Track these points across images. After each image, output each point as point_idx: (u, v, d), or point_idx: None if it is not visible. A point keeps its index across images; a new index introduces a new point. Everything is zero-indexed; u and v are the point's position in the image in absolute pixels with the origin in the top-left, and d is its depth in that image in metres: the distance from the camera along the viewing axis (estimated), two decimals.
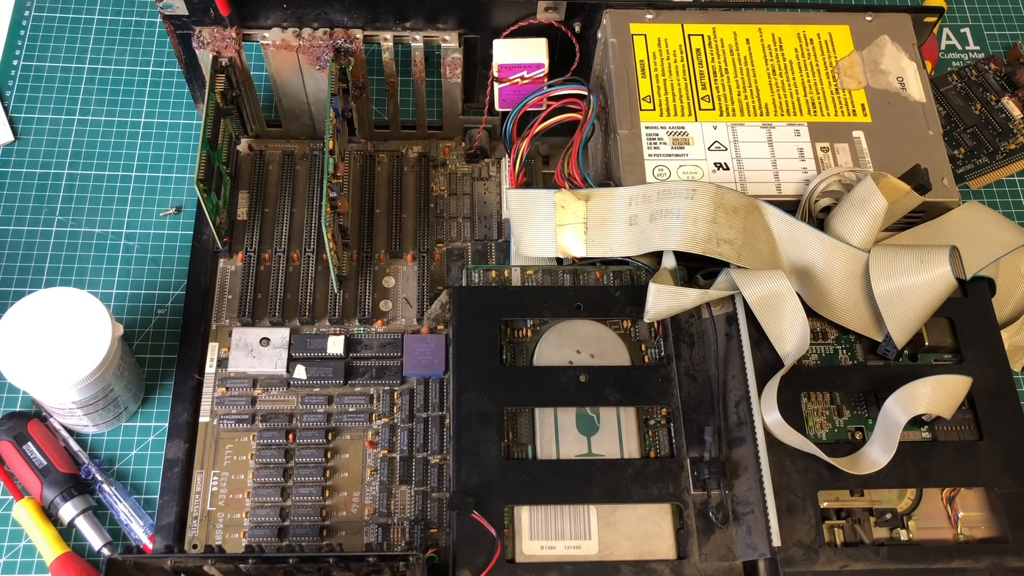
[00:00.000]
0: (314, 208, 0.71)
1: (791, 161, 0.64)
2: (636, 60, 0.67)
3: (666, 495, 0.56)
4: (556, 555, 0.55)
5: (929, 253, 0.57)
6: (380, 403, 0.66)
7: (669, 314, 0.61)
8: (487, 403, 0.58)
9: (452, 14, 0.67)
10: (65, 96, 0.81)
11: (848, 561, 0.54)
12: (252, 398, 0.66)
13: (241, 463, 0.64)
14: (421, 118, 0.75)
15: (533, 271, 0.65)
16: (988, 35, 0.91)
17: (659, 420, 0.60)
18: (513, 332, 0.62)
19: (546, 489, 0.56)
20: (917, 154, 0.64)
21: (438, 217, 0.73)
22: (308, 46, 0.67)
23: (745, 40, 0.68)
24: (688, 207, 0.59)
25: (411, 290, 0.70)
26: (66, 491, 0.65)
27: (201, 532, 0.62)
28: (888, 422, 0.56)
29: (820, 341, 0.61)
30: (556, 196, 0.63)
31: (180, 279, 0.73)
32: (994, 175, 0.82)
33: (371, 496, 0.63)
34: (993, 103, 0.84)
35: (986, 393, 0.59)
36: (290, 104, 0.72)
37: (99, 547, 0.64)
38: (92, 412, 0.65)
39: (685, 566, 0.55)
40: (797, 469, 0.56)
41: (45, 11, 0.85)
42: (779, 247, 0.61)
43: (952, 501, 0.57)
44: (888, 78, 0.67)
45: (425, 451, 0.64)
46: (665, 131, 0.65)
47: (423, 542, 0.61)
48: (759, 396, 0.56)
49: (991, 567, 0.54)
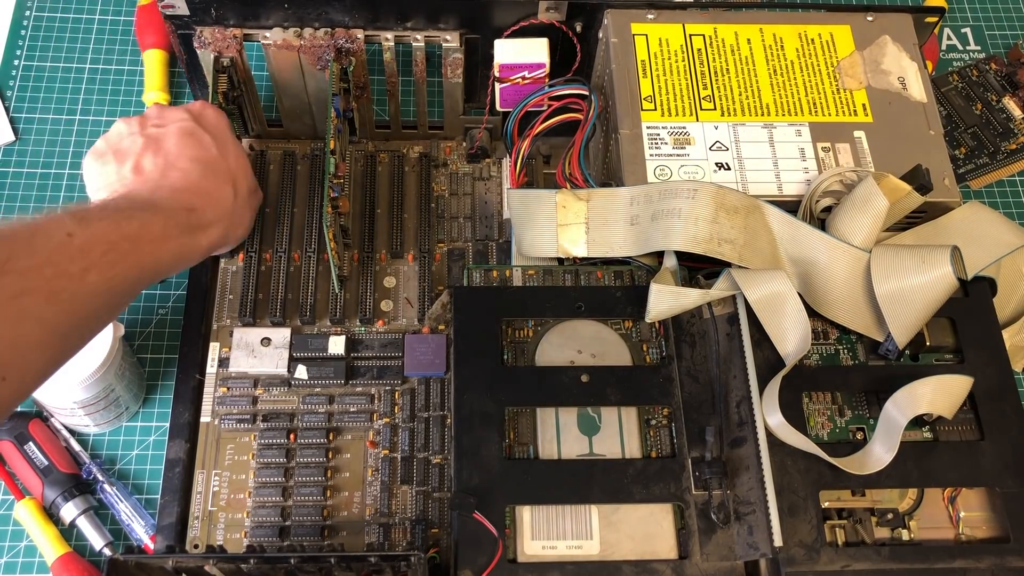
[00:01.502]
0: (315, 208, 0.71)
1: (792, 161, 0.64)
2: (637, 60, 0.67)
3: (667, 495, 0.57)
4: (557, 555, 0.55)
5: (930, 253, 0.57)
6: (381, 403, 0.66)
7: (670, 314, 0.61)
8: (488, 403, 0.58)
9: (453, 14, 0.67)
10: (65, 96, 0.81)
11: (849, 561, 0.54)
12: (253, 398, 0.66)
13: (242, 463, 0.64)
14: (422, 118, 0.75)
15: (534, 271, 0.65)
16: (989, 35, 0.91)
17: (660, 420, 0.60)
18: (514, 332, 0.62)
19: (547, 489, 0.56)
20: (918, 154, 0.64)
21: (439, 217, 0.73)
22: (309, 46, 0.67)
23: (746, 40, 0.68)
24: (689, 207, 0.59)
25: (412, 290, 0.70)
26: (67, 491, 0.65)
27: (202, 532, 0.62)
28: (889, 422, 0.56)
29: (821, 341, 0.61)
30: (557, 196, 0.63)
31: (181, 279, 0.73)
32: (995, 175, 0.83)
33: (372, 496, 0.63)
34: (994, 103, 0.84)
35: (987, 393, 0.59)
36: (291, 104, 0.72)
37: (100, 547, 0.64)
38: (93, 412, 0.65)
39: (686, 566, 0.55)
40: (798, 469, 0.56)
41: (46, 11, 0.85)
42: (780, 247, 0.61)
43: (953, 501, 0.57)
44: (889, 78, 0.67)
45: (426, 451, 0.64)
46: (666, 131, 0.65)
47: (424, 542, 0.61)
48: (760, 396, 0.56)
49: (992, 567, 0.54)
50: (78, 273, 0.47)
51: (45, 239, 0.47)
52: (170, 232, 0.53)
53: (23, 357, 0.46)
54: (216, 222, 0.58)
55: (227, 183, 0.59)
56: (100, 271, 0.48)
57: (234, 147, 0.62)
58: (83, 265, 0.47)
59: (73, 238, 0.47)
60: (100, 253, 0.48)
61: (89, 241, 0.48)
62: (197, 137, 0.59)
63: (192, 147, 0.58)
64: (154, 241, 0.52)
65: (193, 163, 0.58)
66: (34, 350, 0.47)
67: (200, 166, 0.58)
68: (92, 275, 0.48)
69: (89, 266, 0.48)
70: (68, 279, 0.47)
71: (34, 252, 0.46)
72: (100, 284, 0.48)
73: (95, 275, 0.48)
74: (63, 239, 0.47)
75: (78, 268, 0.47)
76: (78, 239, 0.48)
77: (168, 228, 0.54)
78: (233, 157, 0.61)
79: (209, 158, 0.59)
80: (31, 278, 0.46)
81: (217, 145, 0.60)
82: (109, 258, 0.49)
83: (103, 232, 0.50)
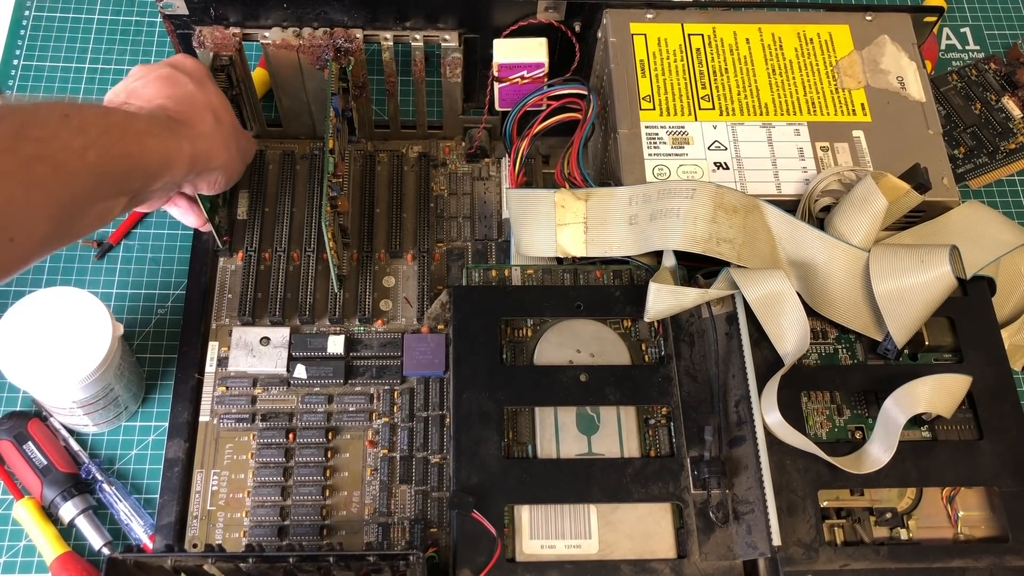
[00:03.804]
0: (314, 207, 0.71)
1: (791, 160, 0.64)
2: (636, 60, 0.67)
3: (666, 494, 0.57)
4: (556, 554, 0.55)
5: (929, 252, 0.57)
6: (380, 402, 0.66)
7: (669, 313, 0.61)
8: (487, 402, 0.58)
9: (452, 14, 0.67)
10: (65, 96, 0.81)
11: (848, 560, 0.54)
12: (252, 397, 0.66)
13: (241, 462, 0.64)
14: (421, 118, 0.75)
15: (533, 271, 0.65)
16: (988, 35, 0.91)
17: (659, 419, 0.60)
18: (513, 331, 0.62)
19: (546, 488, 0.56)
20: (917, 154, 0.64)
21: (438, 217, 0.73)
22: (308, 45, 0.67)
23: (745, 40, 0.68)
24: (688, 206, 0.59)
25: (411, 289, 0.70)
26: (66, 491, 0.65)
27: (201, 531, 0.62)
28: (888, 421, 0.56)
29: (820, 340, 0.61)
30: (556, 196, 0.63)
31: (180, 278, 0.73)
32: (994, 175, 0.82)
33: (371, 495, 0.63)
34: (993, 103, 0.84)
35: (986, 392, 0.59)
36: (290, 103, 0.72)
37: (99, 547, 0.64)
38: (92, 412, 0.65)
39: (685, 565, 0.55)
40: (797, 468, 0.56)
41: (45, 11, 0.85)
42: (779, 246, 0.61)
43: (952, 500, 0.57)
44: (888, 78, 0.67)
45: (425, 450, 0.64)
46: (665, 131, 0.65)
47: (423, 541, 0.61)
48: (759, 395, 0.56)
49: (991, 566, 0.54)
50: (79, 149, 0.49)
51: (47, 115, 0.49)
52: (152, 128, 0.55)
53: (32, 221, 0.48)
54: (199, 136, 0.59)
55: (207, 111, 0.60)
56: (97, 151, 0.50)
57: (213, 87, 0.63)
58: (83, 143, 0.49)
59: (70, 118, 0.50)
60: (96, 134, 0.50)
61: (84, 122, 0.50)
62: (174, 79, 0.60)
63: (169, 87, 0.60)
64: (139, 134, 0.54)
65: (170, 99, 0.59)
66: (41, 217, 0.49)
67: (177, 100, 0.59)
68: (91, 154, 0.50)
69: (88, 144, 0.50)
70: (71, 153, 0.49)
71: (42, 124, 0.49)
72: (98, 165, 0.50)
73: (93, 154, 0.50)
74: (62, 118, 0.50)
75: (79, 144, 0.49)
76: (75, 120, 0.50)
77: (151, 125, 0.55)
78: (212, 93, 0.62)
79: (186, 92, 0.60)
80: (42, 147, 0.48)
81: (195, 83, 0.61)
82: (104, 140, 0.51)
83: (94, 117, 0.52)
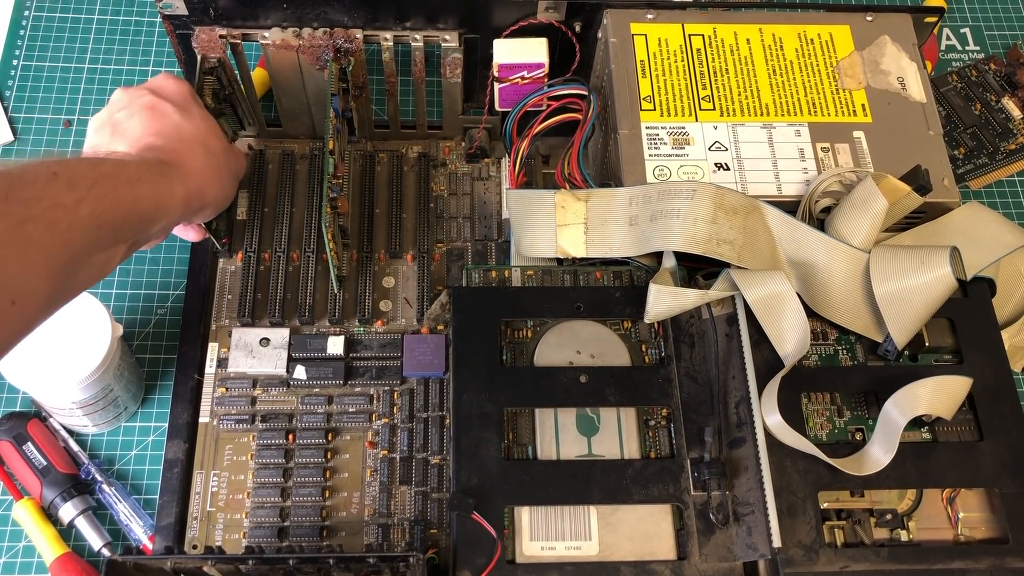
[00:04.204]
0: (314, 208, 0.71)
1: (791, 161, 0.64)
2: (636, 60, 0.67)
3: (666, 496, 0.56)
4: (556, 556, 0.55)
5: (929, 254, 0.57)
6: (380, 403, 0.66)
7: (669, 314, 0.61)
8: (487, 403, 0.58)
9: (452, 14, 0.67)
10: (65, 96, 0.81)
11: (848, 562, 0.54)
12: (252, 398, 0.66)
13: (241, 463, 0.64)
14: (421, 118, 0.75)
15: (533, 271, 0.65)
16: (988, 35, 0.91)
17: (659, 421, 0.60)
18: (513, 332, 0.62)
19: (546, 490, 0.56)
20: (917, 154, 0.64)
21: (438, 217, 0.73)
22: (308, 46, 0.67)
23: (745, 40, 0.68)
24: (688, 207, 0.59)
25: (411, 290, 0.70)
26: (66, 491, 0.65)
27: (201, 533, 0.62)
28: (888, 423, 0.56)
29: (820, 342, 0.61)
30: (556, 196, 0.63)
31: (180, 279, 0.73)
32: (994, 175, 0.82)
33: (371, 496, 0.63)
34: (993, 103, 0.84)
35: (986, 394, 0.59)
36: (290, 104, 0.72)
37: (99, 547, 0.64)
38: (92, 412, 0.65)
39: (685, 567, 0.55)
40: (797, 470, 0.56)
41: (45, 11, 0.85)
42: (779, 248, 0.61)
43: (952, 502, 0.57)
44: (888, 78, 0.67)
45: (425, 451, 0.64)
46: (665, 131, 0.65)
47: (423, 543, 0.61)
48: (759, 397, 0.56)
49: (991, 568, 0.54)
50: (72, 205, 0.49)
51: (35, 175, 0.49)
52: (143, 175, 0.55)
53: (32, 283, 0.48)
54: (190, 175, 0.59)
55: (196, 144, 0.60)
56: (90, 204, 0.50)
57: (199, 110, 0.63)
58: (75, 197, 0.50)
59: (59, 176, 0.50)
60: (86, 188, 0.51)
61: (73, 177, 0.51)
62: (158, 109, 0.60)
63: (154, 120, 0.60)
64: (130, 181, 0.54)
65: (158, 136, 0.59)
66: (41, 276, 0.49)
67: (165, 136, 0.60)
68: (84, 208, 0.50)
69: (80, 199, 0.50)
70: (64, 210, 0.49)
71: (30, 185, 0.49)
72: (92, 217, 0.50)
73: (86, 208, 0.50)
74: (51, 176, 0.50)
75: (71, 200, 0.49)
76: (63, 176, 0.50)
77: (141, 171, 0.55)
78: (199, 119, 0.62)
79: (173, 125, 0.60)
80: (32, 207, 0.48)
81: (180, 112, 0.61)
82: (95, 192, 0.51)
83: (83, 170, 0.52)
